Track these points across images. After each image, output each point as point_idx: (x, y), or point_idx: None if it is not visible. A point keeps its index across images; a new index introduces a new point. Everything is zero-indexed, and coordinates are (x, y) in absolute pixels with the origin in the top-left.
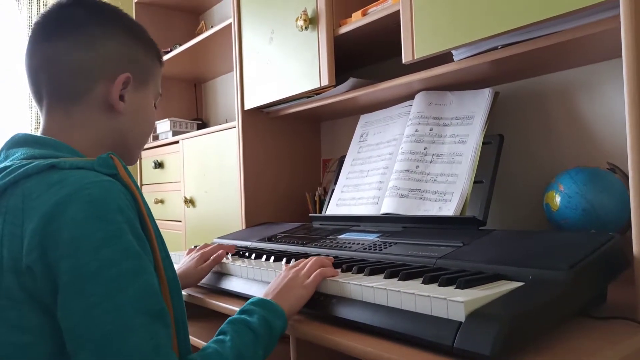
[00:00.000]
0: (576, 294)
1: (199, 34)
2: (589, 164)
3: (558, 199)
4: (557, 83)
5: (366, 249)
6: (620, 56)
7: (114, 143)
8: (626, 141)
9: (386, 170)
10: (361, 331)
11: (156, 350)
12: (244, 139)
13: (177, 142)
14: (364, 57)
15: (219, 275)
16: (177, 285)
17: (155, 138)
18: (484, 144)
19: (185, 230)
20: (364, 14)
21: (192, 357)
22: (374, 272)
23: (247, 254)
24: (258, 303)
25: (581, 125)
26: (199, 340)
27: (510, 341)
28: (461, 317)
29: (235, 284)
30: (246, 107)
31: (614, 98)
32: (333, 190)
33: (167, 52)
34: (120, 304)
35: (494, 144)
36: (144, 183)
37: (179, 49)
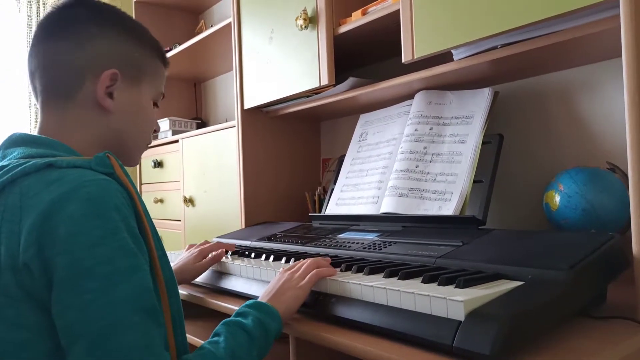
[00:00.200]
0: (576, 293)
1: (198, 33)
2: (588, 163)
3: (558, 198)
4: (557, 83)
5: (366, 248)
6: (620, 56)
7: (109, 142)
8: (626, 141)
9: (386, 170)
10: (361, 330)
11: (148, 348)
12: (243, 138)
13: (176, 141)
14: (364, 57)
15: (218, 274)
16: (174, 283)
17: (155, 137)
18: (483, 143)
19: (185, 229)
20: (363, 14)
21: (187, 358)
22: (373, 272)
23: (247, 253)
24: (253, 305)
25: (581, 125)
26: (198, 340)
27: (509, 341)
28: (461, 316)
29: (235, 283)
30: (246, 106)
31: (613, 98)
32: (332, 190)
33: (166, 52)
34: (114, 301)
35: (493, 144)
36: (143, 182)
37: (179, 48)
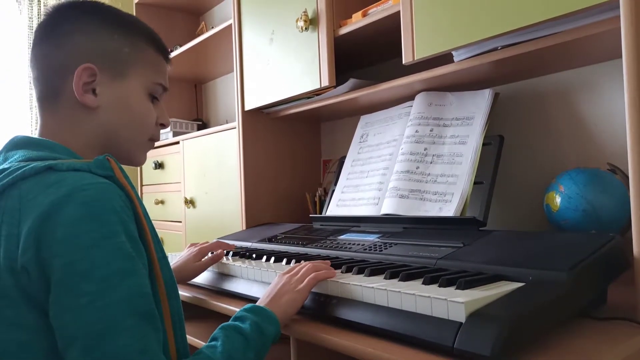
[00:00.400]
0: (576, 294)
1: (199, 34)
2: (589, 164)
3: (558, 199)
4: (557, 84)
5: (366, 249)
6: (620, 57)
7: (104, 142)
8: (626, 142)
9: (386, 171)
10: (361, 332)
11: (143, 352)
12: (244, 139)
13: (177, 142)
14: (364, 58)
15: (220, 276)
16: (174, 286)
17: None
18: (484, 144)
19: (186, 230)
20: (364, 15)
21: None
22: (374, 273)
23: (248, 254)
24: (250, 310)
25: (581, 126)
26: (199, 341)
27: (510, 342)
28: (461, 317)
29: (236, 285)
30: (246, 107)
31: (614, 99)
32: (333, 191)
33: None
34: (109, 304)
35: (494, 145)
36: (144, 184)
37: (180, 50)
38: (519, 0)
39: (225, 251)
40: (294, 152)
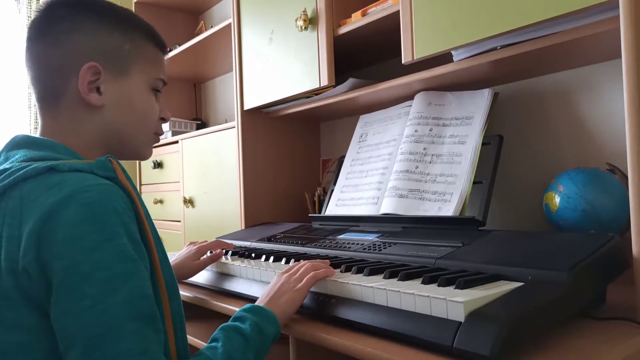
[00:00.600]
0: (576, 294)
1: (198, 34)
2: (588, 164)
3: (557, 199)
4: (556, 84)
5: (366, 249)
6: (619, 57)
7: (107, 141)
8: (626, 142)
9: (386, 171)
10: (361, 331)
11: (144, 354)
12: (243, 139)
13: (176, 142)
14: (364, 58)
15: (219, 275)
16: (175, 287)
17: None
18: (483, 144)
19: (185, 230)
20: (363, 14)
21: None
22: (373, 273)
23: (247, 254)
24: (250, 310)
25: (581, 126)
26: (199, 341)
27: (509, 341)
28: (461, 317)
29: (235, 284)
30: (246, 107)
31: (613, 99)
32: (332, 191)
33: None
34: (110, 307)
35: (493, 145)
36: (143, 183)
37: (179, 49)
38: (518, 0)
39: (224, 250)
40: (293, 151)
